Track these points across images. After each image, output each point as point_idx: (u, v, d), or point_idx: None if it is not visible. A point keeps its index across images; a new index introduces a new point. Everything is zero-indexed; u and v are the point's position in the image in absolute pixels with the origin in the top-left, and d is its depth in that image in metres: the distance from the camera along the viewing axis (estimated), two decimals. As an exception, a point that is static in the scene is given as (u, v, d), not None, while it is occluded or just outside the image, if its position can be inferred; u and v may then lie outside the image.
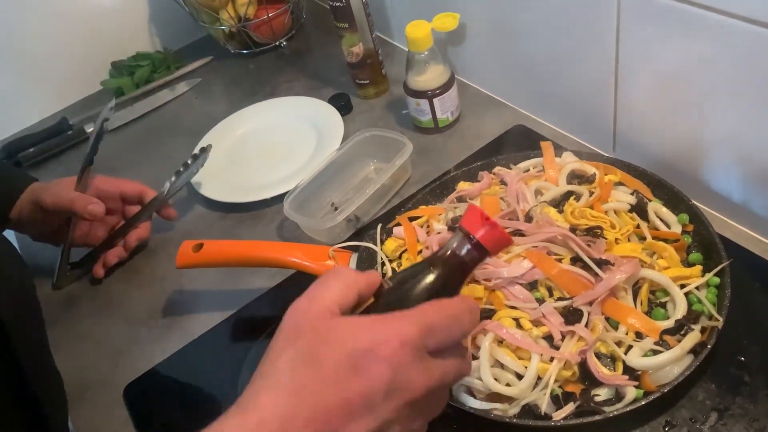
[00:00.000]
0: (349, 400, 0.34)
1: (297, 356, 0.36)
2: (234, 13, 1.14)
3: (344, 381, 0.35)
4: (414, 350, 0.36)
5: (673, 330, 0.56)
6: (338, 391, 0.34)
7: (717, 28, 0.56)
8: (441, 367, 0.38)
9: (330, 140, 0.92)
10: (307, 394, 0.34)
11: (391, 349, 0.35)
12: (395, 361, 0.35)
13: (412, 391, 0.36)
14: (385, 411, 0.35)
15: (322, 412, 0.34)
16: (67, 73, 1.20)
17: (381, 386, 0.34)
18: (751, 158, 0.63)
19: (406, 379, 0.35)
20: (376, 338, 0.36)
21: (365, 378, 0.35)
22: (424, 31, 0.83)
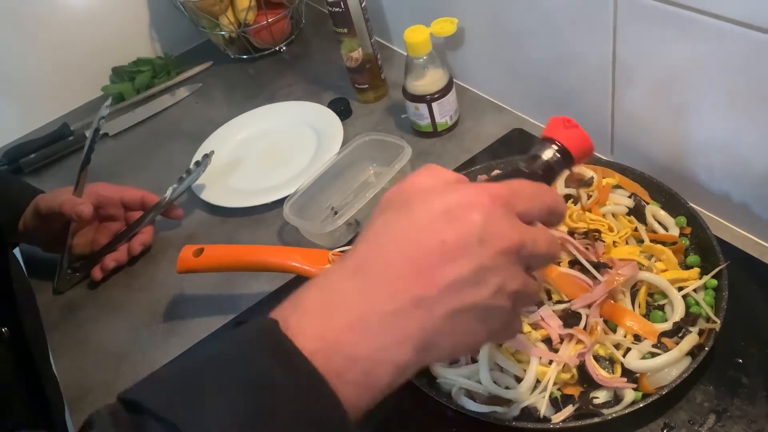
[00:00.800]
0: (445, 242, 0.35)
1: (392, 213, 0.37)
2: (234, 18, 1.14)
3: (439, 227, 0.35)
4: (504, 205, 0.37)
5: (671, 332, 0.57)
6: (433, 236, 0.35)
7: (713, 31, 0.57)
8: (530, 231, 0.38)
9: (329, 144, 0.92)
10: (404, 239, 0.36)
11: (482, 201, 0.36)
12: (487, 211, 0.36)
13: (505, 240, 0.36)
14: (480, 256, 0.35)
15: (419, 254, 0.35)
16: (68, 79, 1.21)
17: (474, 231, 0.35)
18: (748, 161, 0.63)
19: (498, 228, 0.36)
20: (468, 193, 0.36)
21: (459, 224, 0.35)
22: (422, 36, 0.83)
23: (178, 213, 0.87)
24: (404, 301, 0.34)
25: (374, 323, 0.34)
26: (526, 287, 0.38)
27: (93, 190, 0.83)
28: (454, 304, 0.35)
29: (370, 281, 0.35)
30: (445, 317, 0.35)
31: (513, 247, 0.36)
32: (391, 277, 0.35)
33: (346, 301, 0.35)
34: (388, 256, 0.36)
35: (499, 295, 0.36)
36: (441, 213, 0.36)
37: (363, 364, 0.34)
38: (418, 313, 0.34)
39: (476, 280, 0.35)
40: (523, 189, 0.39)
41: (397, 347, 0.34)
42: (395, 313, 0.34)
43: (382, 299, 0.35)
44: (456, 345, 0.36)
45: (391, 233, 0.37)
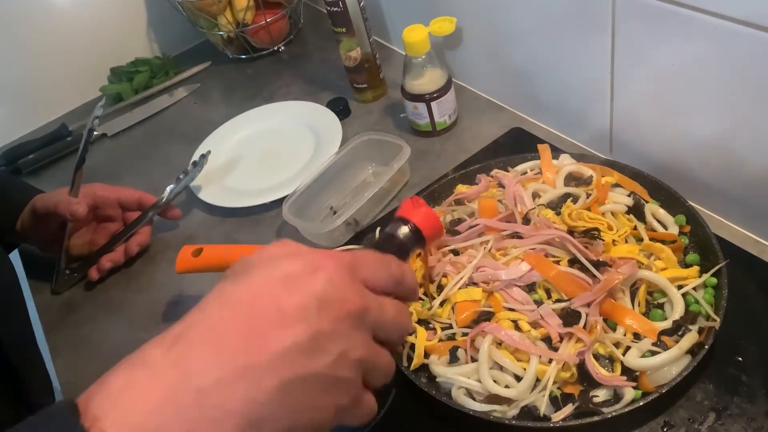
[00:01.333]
0: (280, 307, 0.33)
1: (229, 281, 0.35)
2: (232, 18, 1.14)
3: (276, 292, 0.33)
4: (348, 271, 0.35)
5: (670, 331, 0.57)
6: (269, 301, 0.33)
7: (711, 30, 0.57)
8: (376, 298, 0.36)
9: (328, 144, 0.92)
10: (236, 306, 0.33)
11: (324, 265, 0.34)
12: (328, 275, 0.34)
13: (347, 304, 0.34)
14: (318, 321, 0.33)
15: (249, 321, 0.32)
16: (66, 80, 1.20)
17: (314, 295, 0.33)
18: (747, 159, 0.63)
19: (340, 293, 0.34)
20: (311, 258, 0.35)
21: (298, 288, 0.33)
22: (421, 36, 0.83)
23: (175, 213, 0.87)
24: (226, 372, 0.31)
25: (187, 401, 0.30)
26: (373, 357, 0.35)
27: (90, 191, 0.82)
28: (287, 374, 0.31)
29: (188, 352, 0.31)
30: (275, 390, 0.31)
31: (355, 311, 0.34)
32: (212, 346, 0.32)
33: (158, 376, 0.31)
34: (213, 323, 0.33)
35: (341, 364, 0.33)
36: (280, 278, 0.34)
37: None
38: (243, 384, 0.31)
39: (314, 347, 0.32)
40: (368, 256, 0.38)
41: (217, 425, 0.30)
42: (214, 387, 0.30)
43: (200, 372, 0.31)
44: (295, 423, 0.32)
45: (223, 300, 0.34)
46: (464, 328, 0.61)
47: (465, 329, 0.60)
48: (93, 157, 1.08)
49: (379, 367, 0.37)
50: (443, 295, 0.63)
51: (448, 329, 0.62)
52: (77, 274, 0.85)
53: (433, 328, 0.63)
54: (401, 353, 0.59)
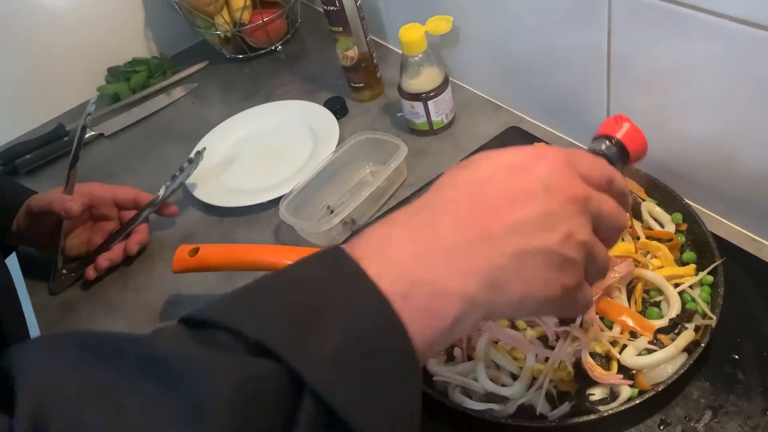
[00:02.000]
0: (510, 189, 0.36)
1: (457, 169, 0.38)
2: (229, 18, 1.14)
3: (504, 177, 0.36)
4: (567, 163, 0.37)
5: (667, 329, 0.57)
6: (499, 183, 0.36)
7: (708, 28, 0.57)
8: (596, 195, 0.38)
9: (326, 144, 0.92)
10: (470, 187, 0.36)
11: (546, 156, 0.37)
12: (551, 164, 0.37)
13: (571, 189, 0.36)
14: (547, 202, 0.35)
15: (485, 197, 0.36)
16: (63, 80, 1.20)
17: (540, 180, 0.36)
18: (743, 157, 0.63)
19: (563, 179, 0.36)
20: (531, 150, 0.38)
21: (524, 174, 0.36)
22: (417, 34, 0.83)
23: (171, 210, 0.87)
24: (471, 235, 0.34)
25: (440, 253, 0.33)
26: (594, 244, 0.38)
27: (86, 190, 0.82)
28: (521, 244, 0.34)
29: (436, 217, 0.35)
30: (512, 256, 0.34)
31: (580, 196, 0.36)
32: (456, 213, 0.35)
33: (412, 233, 0.34)
34: (454, 197, 0.36)
35: (568, 243, 0.35)
36: (506, 166, 0.37)
37: (429, 288, 0.32)
38: (485, 247, 0.34)
39: (544, 224, 0.35)
40: (585, 155, 0.40)
41: (463, 277, 0.33)
42: (461, 245, 0.34)
43: (449, 232, 0.34)
44: (526, 293, 0.35)
45: (457, 183, 0.37)
46: (461, 326, 0.60)
47: (462, 328, 0.60)
48: (90, 158, 1.09)
49: (598, 259, 0.38)
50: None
51: (444, 328, 0.62)
52: (74, 274, 0.84)
53: (429, 326, 0.63)
54: None
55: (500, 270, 0.34)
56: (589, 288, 0.39)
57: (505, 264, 0.34)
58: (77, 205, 0.78)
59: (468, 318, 0.34)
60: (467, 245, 0.34)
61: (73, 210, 0.77)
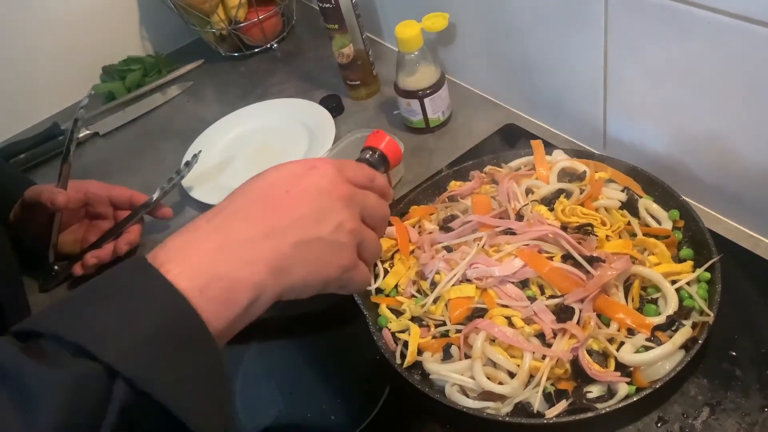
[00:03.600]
0: (289, 192, 0.44)
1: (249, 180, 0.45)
2: (224, 16, 1.13)
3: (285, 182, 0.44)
4: (336, 170, 0.46)
5: (664, 326, 0.57)
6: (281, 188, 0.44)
7: (704, 25, 0.57)
8: (360, 192, 0.47)
9: (322, 142, 0.92)
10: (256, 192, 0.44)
11: (319, 165, 0.46)
12: (323, 171, 0.45)
13: (339, 190, 0.45)
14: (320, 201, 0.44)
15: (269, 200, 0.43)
16: (58, 79, 1.20)
17: (314, 184, 0.44)
18: (740, 154, 0.63)
19: (333, 183, 0.45)
20: (309, 161, 0.46)
21: (302, 180, 0.44)
22: (413, 32, 0.83)
23: (165, 212, 0.86)
24: (257, 232, 0.41)
25: (232, 249, 0.40)
26: (363, 231, 0.46)
27: (82, 186, 0.82)
28: (300, 236, 0.42)
29: (227, 220, 0.42)
30: (293, 245, 0.42)
31: (345, 195, 0.45)
32: (244, 215, 0.42)
33: (207, 236, 0.41)
34: (242, 202, 0.43)
35: (339, 231, 0.44)
36: (286, 175, 0.45)
37: (223, 281, 0.39)
38: (269, 241, 0.41)
39: (318, 218, 0.43)
40: (349, 163, 0.49)
41: (252, 266, 0.40)
42: (249, 241, 0.41)
43: (239, 231, 0.41)
44: (309, 273, 0.43)
45: (245, 190, 0.45)
46: (458, 324, 0.60)
47: (458, 326, 0.60)
48: (86, 157, 1.08)
49: (368, 242, 0.47)
50: (436, 292, 0.63)
51: (441, 326, 0.62)
52: (66, 271, 0.84)
53: (426, 325, 0.63)
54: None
55: (284, 257, 0.41)
56: (364, 267, 0.48)
57: (288, 252, 0.41)
58: (63, 196, 0.77)
59: (261, 300, 0.40)
60: (255, 240, 0.41)
61: (59, 201, 0.77)
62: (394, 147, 0.58)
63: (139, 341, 0.35)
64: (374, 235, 0.48)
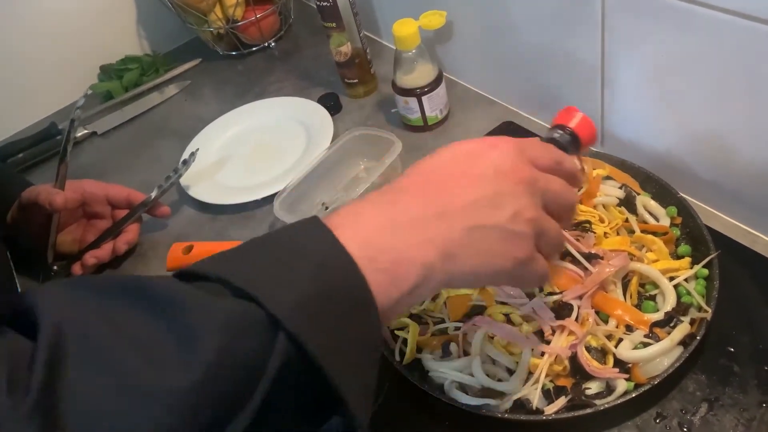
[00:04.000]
0: (465, 172, 0.41)
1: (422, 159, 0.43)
2: (222, 14, 1.13)
3: (461, 163, 0.42)
4: (518, 150, 0.42)
5: (662, 322, 0.57)
6: (456, 168, 0.41)
7: (702, 21, 0.57)
8: (543, 173, 0.43)
9: (320, 140, 0.92)
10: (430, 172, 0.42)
11: (498, 144, 0.42)
12: (502, 151, 0.42)
13: (519, 172, 0.41)
14: (497, 184, 0.40)
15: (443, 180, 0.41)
16: (55, 78, 1.19)
17: (492, 165, 0.41)
18: (738, 150, 0.63)
19: (513, 164, 0.41)
20: (486, 139, 0.43)
21: (479, 160, 0.42)
22: (411, 29, 0.83)
23: (164, 211, 0.86)
24: (429, 212, 0.39)
25: (403, 225, 0.39)
26: (543, 220, 0.42)
27: (79, 186, 0.82)
28: (473, 221, 0.39)
29: (399, 196, 0.40)
30: (465, 230, 0.39)
31: (526, 178, 0.41)
32: (417, 193, 0.40)
33: (380, 209, 0.40)
34: (415, 181, 0.42)
35: (517, 219, 0.40)
36: (463, 154, 0.42)
37: (392, 254, 0.37)
38: (441, 223, 0.39)
39: (494, 203, 0.40)
40: (534, 142, 0.45)
41: (422, 246, 0.38)
42: (421, 220, 0.39)
43: (410, 208, 0.39)
44: (479, 264, 0.40)
45: (419, 169, 0.42)
46: (457, 322, 0.60)
47: (457, 323, 0.60)
48: (83, 156, 1.08)
49: (549, 233, 0.43)
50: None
51: (440, 324, 0.62)
52: (65, 271, 0.84)
53: (425, 322, 0.63)
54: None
55: (455, 242, 0.39)
56: (543, 260, 0.43)
57: (459, 237, 0.39)
58: (61, 197, 0.77)
59: (426, 284, 0.38)
60: (426, 220, 0.39)
61: (57, 202, 0.76)
62: (587, 125, 0.51)
63: (306, 298, 0.34)
64: (556, 226, 0.43)
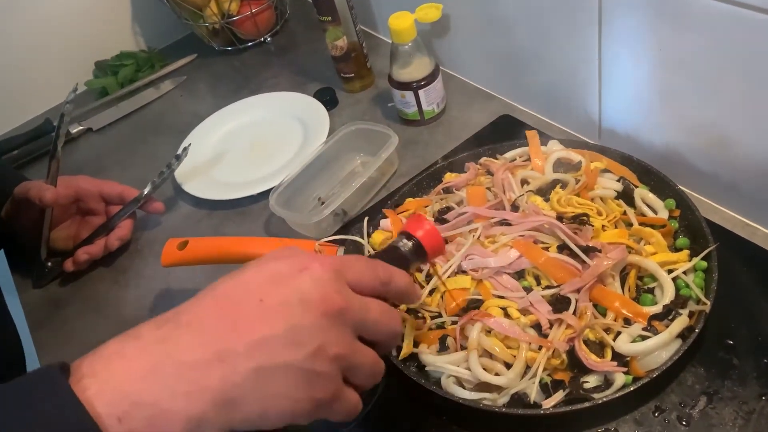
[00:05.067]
0: (263, 301, 0.35)
1: (225, 277, 0.38)
2: (217, 9, 1.13)
3: (263, 288, 0.36)
4: (333, 273, 0.37)
5: (661, 315, 0.56)
6: (254, 295, 0.36)
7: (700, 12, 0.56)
8: (361, 299, 0.38)
9: (316, 135, 0.91)
10: (223, 297, 0.36)
11: (311, 266, 0.37)
12: (314, 275, 0.36)
13: (328, 302, 0.36)
14: (299, 316, 0.35)
15: (233, 311, 0.35)
16: (50, 75, 1.19)
17: (297, 292, 0.36)
18: (736, 142, 0.62)
19: (322, 292, 0.36)
20: (300, 259, 0.38)
21: (283, 286, 0.36)
22: (407, 23, 0.82)
23: (157, 207, 0.85)
24: (207, 353, 0.34)
25: (169, 372, 0.33)
26: (354, 355, 0.37)
27: (73, 182, 0.81)
28: (261, 361, 0.34)
29: (175, 332, 0.34)
30: (251, 373, 0.33)
31: (335, 309, 0.36)
32: (197, 329, 0.34)
33: (146, 349, 0.34)
34: (200, 310, 0.36)
35: (318, 358, 0.35)
36: (268, 276, 0.37)
37: (149, 410, 0.32)
38: (221, 366, 0.33)
39: (291, 340, 0.34)
40: (356, 261, 0.40)
41: (189, 397, 0.33)
42: (195, 364, 0.33)
43: (183, 349, 0.34)
44: (267, 407, 0.34)
45: (214, 292, 0.37)
46: (453, 316, 0.60)
47: (454, 317, 0.60)
48: (79, 152, 1.08)
49: (362, 367, 0.38)
50: (432, 284, 0.62)
51: (437, 318, 0.61)
52: (58, 267, 0.83)
53: (422, 317, 0.62)
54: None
55: (236, 387, 0.33)
56: (353, 394, 0.38)
57: (242, 381, 0.33)
58: (51, 193, 0.76)
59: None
60: (202, 364, 0.33)
61: (47, 198, 0.76)
62: (434, 236, 0.48)
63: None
64: (371, 358, 0.39)
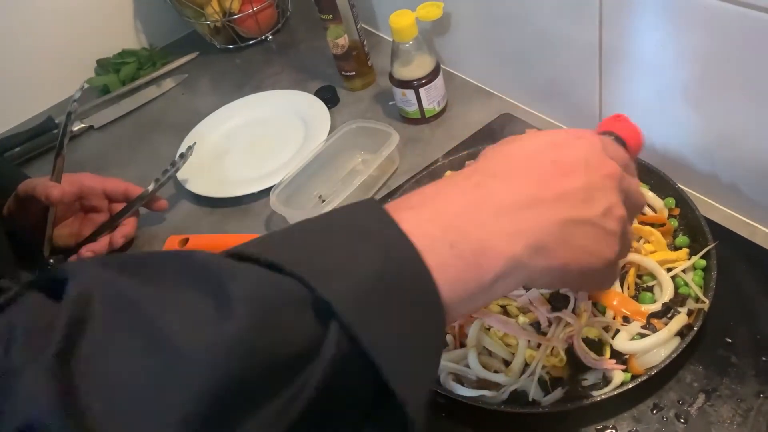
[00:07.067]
0: (556, 162, 0.37)
1: (503, 144, 0.40)
2: (219, 7, 1.13)
3: (549, 151, 0.38)
4: (601, 143, 0.39)
5: (660, 313, 0.57)
6: (545, 156, 0.38)
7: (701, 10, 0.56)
8: (627, 175, 0.40)
9: (317, 133, 0.91)
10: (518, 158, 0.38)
11: (585, 135, 0.39)
12: (590, 142, 0.39)
13: (608, 167, 0.38)
14: (588, 175, 0.37)
15: (533, 167, 0.37)
16: (52, 72, 1.19)
17: (581, 155, 0.38)
18: (736, 141, 0.62)
19: (599, 158, 0.38)
20: (571, 130, 0.40)
21: (567, 149, 0.38)
22: (408, 21, 0.82)
23: (161, 204, 0.86)
24: (520, 199, 0.35)
25: (489, 212, 0.34)
26: (628, 223, 0.39)
27: (76, 180, 0.81)
28: (566, 213, 0.35)
29: (487, 180, 0.36)
30: (557, 223, 0.35)
31: (615, 173, 0.38)
32: (507, 178, 0.36)
33: (464, 191, 0.35)
34: (504, 165, 0.37)
35: (608, 217, 0.37)
36: (549, 143, 0.39)
37: (475, 245, 0.33)
38: (533, 212, 0.35)
39: (587, 197, 0.36)
40: (610, 140, 0.43)
41: (509, 237, 0.34)
42: (510, 207, 0.35)
43: (498, 194, 0.35)
44: (569, 259, 0.36)
45: (505, 154, 0.38)
46: (453, 314, 0.60)
47: (454, 315, 0.60)
48: (81, 150, 1.08)
49: (628, 236, 0.40)
50: (432, 282, 0.62)
51: (437, 315, 0.61)
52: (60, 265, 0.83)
53: (422, 314, 0.62)
54: None
55: (546, 235, 0.35)
56: (618, 267, 0.41)
57: (551, 230, 0.35)
58: (58, 190, 0.76)
59: (509, 278, 0.34)
60: (516, 208, 0.35)
61: (54, 195, 0.76)
62: (634, 132, 0.48)
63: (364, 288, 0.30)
64: (630, 238, 0.40)
